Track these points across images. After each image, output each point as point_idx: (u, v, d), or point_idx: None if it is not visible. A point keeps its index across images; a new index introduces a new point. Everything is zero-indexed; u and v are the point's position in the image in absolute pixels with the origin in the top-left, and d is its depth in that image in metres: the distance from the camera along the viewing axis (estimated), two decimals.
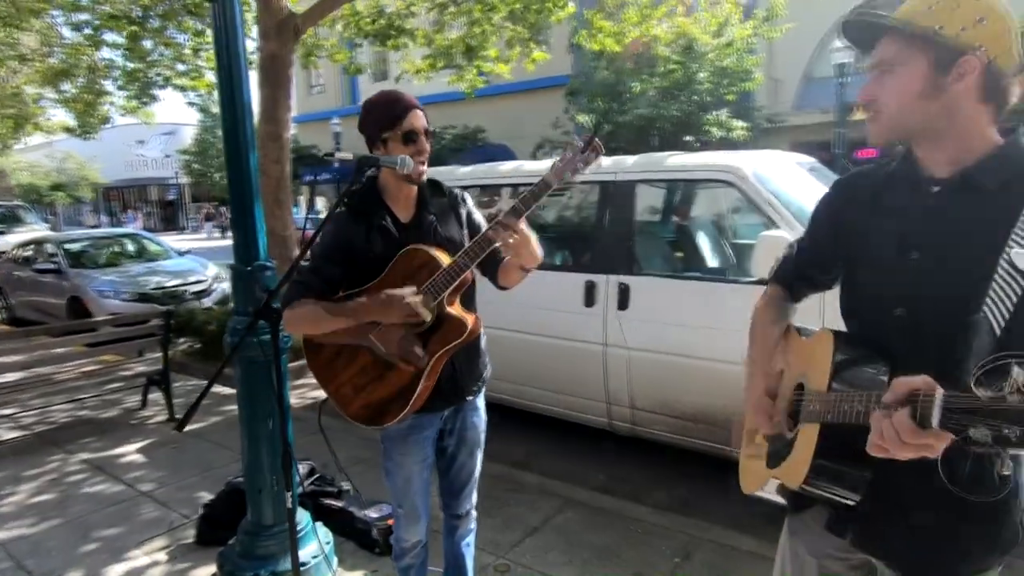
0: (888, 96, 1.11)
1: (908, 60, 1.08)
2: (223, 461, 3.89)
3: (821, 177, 3.79)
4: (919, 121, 1.10)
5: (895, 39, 1.10)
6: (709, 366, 3.22)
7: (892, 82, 1.10)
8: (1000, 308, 0.99)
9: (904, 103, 1.10)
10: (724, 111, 12.77)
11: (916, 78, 1.07)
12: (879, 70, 1.12)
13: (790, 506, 1.36)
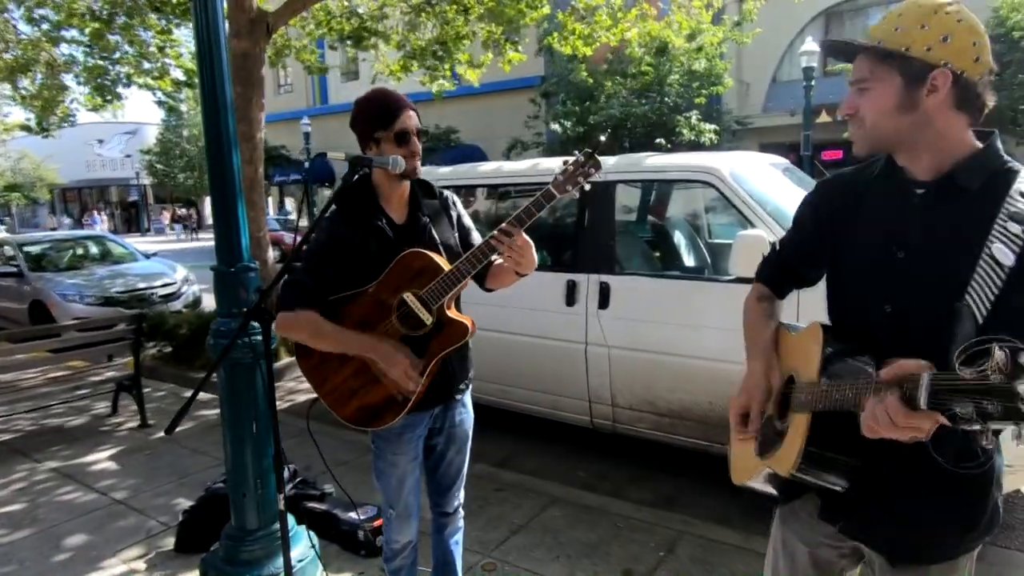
0: (866, 110, 1.17)
1: (882, 78, 1.14)
2: (200, 467, 3.82)
3: (794, 178, 3.89)
4: (897, 133, 1.16)
5: (869, 59, 1.16)
6: (689, 363, 3.28)
7: (870, 98, 1.16)
8: (982, 298, 1.05)
9: (881, 117, 1.16)
10: (694, 113, 12.98)
11: (890, 94, 1.13)
12: (858, 87, 1.18)
13: (781, 496, 1.39)
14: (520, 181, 4.21)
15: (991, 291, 1.05)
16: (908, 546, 1.22)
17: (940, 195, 1.16)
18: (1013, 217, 1.06)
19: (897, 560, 1.22)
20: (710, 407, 3.26)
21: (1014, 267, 1.04)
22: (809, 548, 1.36)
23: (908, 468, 1.16)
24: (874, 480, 1.20)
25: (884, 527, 1.22)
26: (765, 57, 16.96)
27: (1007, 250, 1.05)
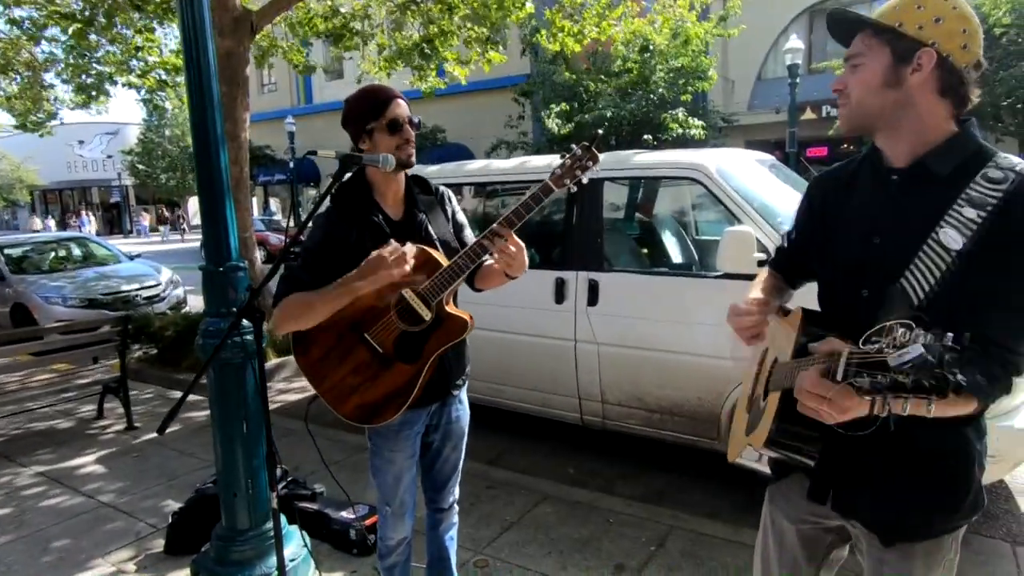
0: (855, 84, 1.21)
1: (873, 53, 1.18)
2: (188, 469, 3.79)
3: (780, 174, 3.93)
4: (880, 108, 1.19)
5: (865, 35, 1.20)
6: (677, 359, 3.30)
7: (859, 73, 1.20)
8: (920, 280, 1.12)
9: (868, 91, 1.19)
10: (680, 110, 13.05)
11: (879, 69, 1.17)
12: (851, 63, 1.22)
13: (772, 475, 1.42)
14: (507, 179, 4.22)
15: (932, 274, 1.10)
16: (893, 523, 1.25)
17: (912, 181, 1.20)
18: (971, 202, 1.10)
19: (885, 538, 1.25)
20: (699, 402, 3.29)
21: (965, 251, 1.08)
22: (795, 526, 1.40)
23: (880, 448, 1.19)
24: (853, 459, 1.23)
25: (870, 506, 1.26)
26: (750, 55, 17.10)
27: (956, 235, 1.09)
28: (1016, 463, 2.88)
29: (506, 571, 2.66)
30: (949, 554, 1.25)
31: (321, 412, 2.57)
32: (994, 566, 2.72)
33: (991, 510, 3.17)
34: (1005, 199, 1.09)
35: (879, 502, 1.25)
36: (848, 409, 1.00)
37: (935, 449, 1.20)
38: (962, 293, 1.09)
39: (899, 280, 1.14)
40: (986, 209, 1.09)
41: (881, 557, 1.26)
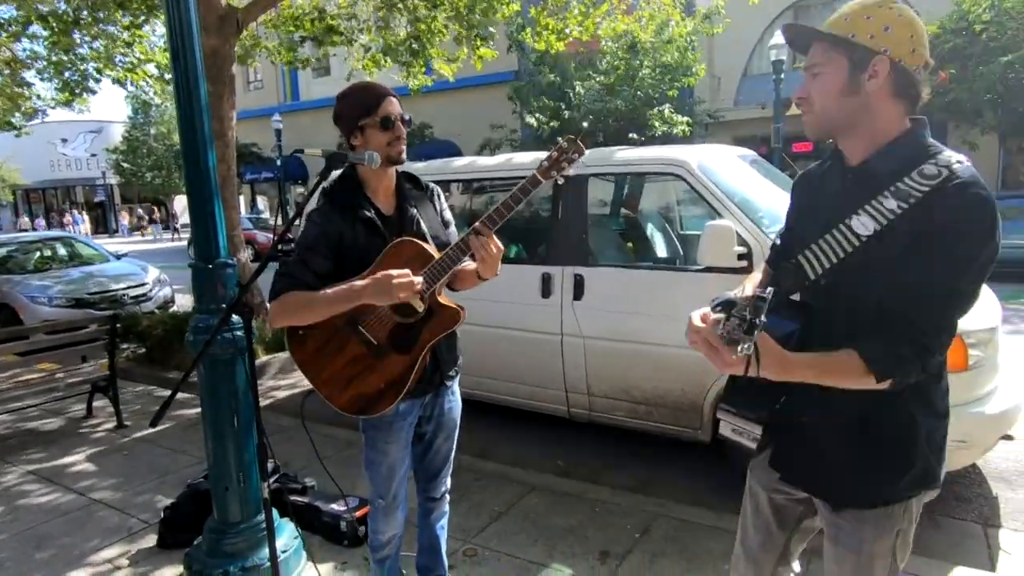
0: (816, 93, 1.28)
1: (832, 63, 1.25)
2: (178, 466, 3.82)
3: (761, 170, 4.01)
4: (841, 115, 1.27)
5: (822, 45, 1.27)
6: (662, 351, 3.38)
7: (820, 82, 1.27)
8: (819, 257, 1.28)
9: (829, 99, 1.27)
10: (667, 106, 13.13)
11: (838, 78, 1.25)
12: (811, 72, 1.29)
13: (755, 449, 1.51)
14: (494, 176, 4.27)
15: (833, 253, 1.26)
16: (834, 489, 1.35)
17: (859, 179, 1.29)
18: (896, 194, 1.19)
19: (834, 504, 1.35)
20: (682, 393, 3.36)
21: (871, 238, 1.21)
22: (768, 494, 1.51)
23: (823, 415, 1.30)
24: (797, 428, 1.34)
25: (809, 471, 1.37)
26: (735, 51, 17.21)
27: (870, 221, 1.21)
28: (986, 448, 2.98)
29: (494, 559, 2.72)
30: (902, 524, 1.33)
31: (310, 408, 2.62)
32: (966, 547, 2.82)
33: (964, 494, 3.28)
34: (930, 193, 1.17)
35: (818, 470, 1.36)
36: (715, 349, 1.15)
37: (874, 423, 1.29)
38: (869, 274, 1.21)
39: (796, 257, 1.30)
40: (908, 201, 1.19)
41: (836, 522, 1.36)
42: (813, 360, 1.19)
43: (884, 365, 1.16)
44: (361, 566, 2.68)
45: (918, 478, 1.30)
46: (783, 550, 1.56)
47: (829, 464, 1.34)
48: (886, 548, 1.34)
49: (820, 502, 1.41)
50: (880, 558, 1.34)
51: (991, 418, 2.83)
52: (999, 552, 2.78)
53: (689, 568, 2.59)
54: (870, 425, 1.28)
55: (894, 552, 1.35)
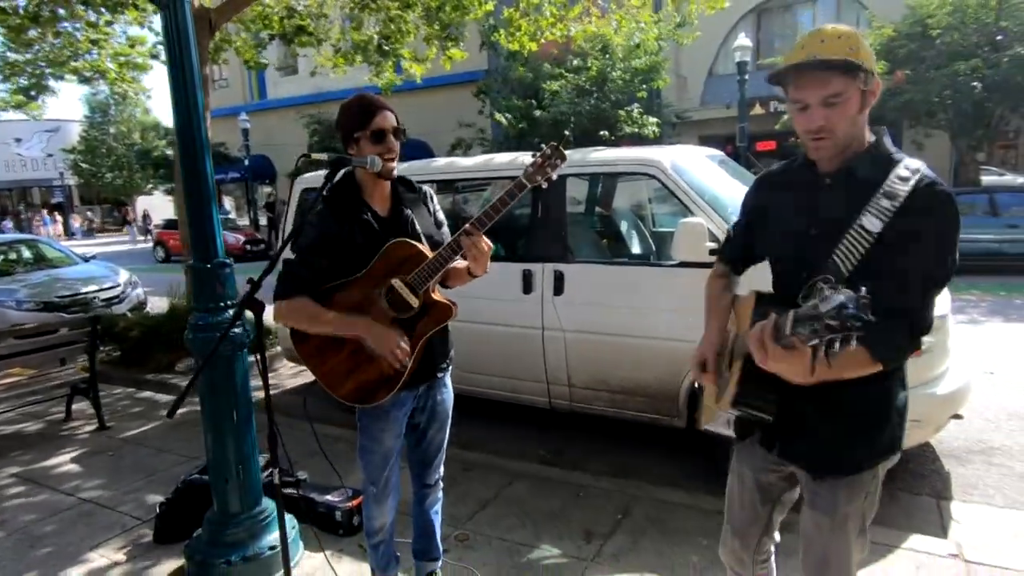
0: (837, 120, 1.38)
1: (849, 89, 1.37)
2: (168, 464, 3.85)
3: (729, 169, 4.21)
4: (851, 133, 1.42)
5: (840, 76, 1.36)
6: (639, 343, 3.54)
7: (842, 109, 1.38)
8: (847, 256, 1.38)
9: (848, 124, 1.40)
10: (635, 107, 13.39)
11: (855, 102, 1.39)
12: (831, 102, 1.37)
13: (737, 436, 1.67)
14: (473, 176, 4.39)
15: (857, 251, 1.37)
16: (824, 462, 1.51)
17: (840, 184, 1.45)
18: (887, 195, 1.36)
19: (817, 474, 1.52)
20: (659, 382, 3.53)
21: (879, 234, 1.34)
22: (754, 473, 1.67)
23: (821, 401, 1.44)
24: (797, 413, 1.49)
25: (805, 448, 1.52)
26: (701, 52, 17.58)
27: (875, 219, 1.35)
28: (938, 427, 3.21)
29: (485, 543, 2.85)
30: (870, 487, 1.51)
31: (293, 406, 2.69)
32: (921, 519, 3.05)
33: (918, 470, 3.52)
34: (911, 193, 1.35)
35: (812, 446, 1.52)
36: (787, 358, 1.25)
37: (860, 401, 1.46)
38: (879, 265, 1.34)
39: (831, 257, 1.39)
40: (897, 201, 1.36)
41: (815, 489, 1.53)
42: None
43: (887, 353, 1.31)
44: (357, 553, 2.78)
45: (887, 446, 1.48)
46: (767, 523, 1.73)
47: (819, 440, 1.50)
48: (857, 509, 1.51)
49: (802, 473, 1.56)
50: (852, 519, 1.51)
51: (943, 398, 3.06)
52: (951, 522, 3.02)
53: (668, 544, 2.76)
54: (858, 402, 1.45)
55: (863, 512, 1.52)
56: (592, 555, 2.71)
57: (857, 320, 1.06)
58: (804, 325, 1.13)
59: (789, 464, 1.59)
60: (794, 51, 1.41)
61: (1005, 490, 3.33)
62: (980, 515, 3.08)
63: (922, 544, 2.68)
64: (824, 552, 1.54)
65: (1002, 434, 4.02)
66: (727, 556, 1.81)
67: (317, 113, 18.70)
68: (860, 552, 1.55)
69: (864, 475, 1.49)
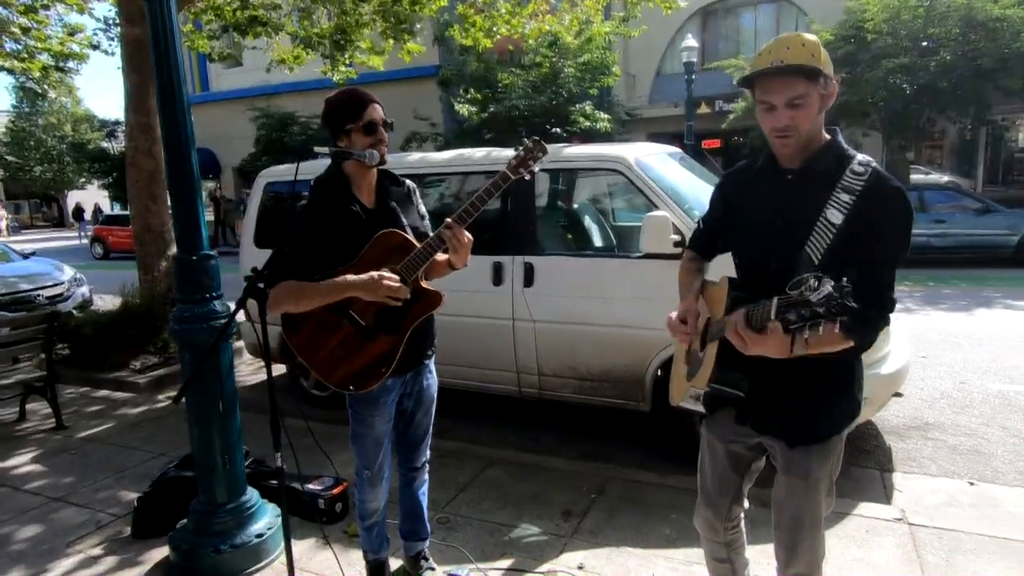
0: (801, 120, 1.53)
1: (811, 92, 1.52)
2: (136, 461, 3.80)
3: (686, 165, 4.43)
4: (813, 131, 1.57)
5: (803, 79, 1.50)
6: (607, 331, 3.70)
7: (805, 110, 1.52)
8: (817, 248, 1.52)
9: (810, 123, 1.55)
10: (588, 103, 13.65)
11: (815, 103, 1.53)
12: (795, 103, 1.51)
13: (707, 410, 1.82)
14: (446, 171, 4.46)
15: (824, 243, 1.51)
16: (799, 432, 1.66)
17: (801, 179, 1.60)
18: (845, 189, 1.52)
19: (791, 442, 1.67)
20: (626, 369, 3.71)
21: (841, 225, 1.49)
22: (725, 444, 1.82)
23: (792, 377, 1.58)
24: (770, 390, 1.64)
25: (780, 421, 1.67)
26: (649, 51, 18.05)
27: (837, 212, 1.51)
28: (882, 404, 3.50)
29: (467, 524, 2.96)
30: (837, 450, 1.68)
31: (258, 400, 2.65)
32: (868, 490, 3.31)
33: (863, 446, 3.81)
34: (866, 187, 1.52)
35: (787, 419, 1.67)
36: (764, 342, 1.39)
37: (826, 375, 1.61)
38: (844, 254, 1.49)
39: (802, 250, 1.53)
40: (854, 194, 1.52)
41: (789, 457, 1.68)
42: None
43: (859, 332, 1.46)
44: (341, 539, 2.84)
45: (851, 413, 1.66)
46: (736, 492, 1.88)
47: (792, 412, 1.65)
48: (827, 471, 1.68)
49: (777, 443, 1.70)
50: (823, 480, 1.68)
51: (887, 378, 3.34)
52: (893, 491, 3.30)
53: (642, 519, 2.93)
54: (824, 376, 1.60)
55: (831, 473, 1.70)
56: (571, 532, 2.85)
57: (843, 307, 1.21)
58: (792, 311, 1.27)
59: (762, 436, 1.73)
60: (761, 56, 1.55)
61: (939, 461, 3.66)
62: (919, 484, 3.37)
63: (870, 511, 2.94)
64: (798, 511, 1.70)
65: (935, 411, 4.39)
66: (700, 524, 1.96)
67: (266, 106, 18.23)
68: (827, 509, 1.73)
69: (833, 440, 1.66)
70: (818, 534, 1.72)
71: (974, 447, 3.81)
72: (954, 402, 4.54)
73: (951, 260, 10.34)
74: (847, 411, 1.66)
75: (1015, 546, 2.65)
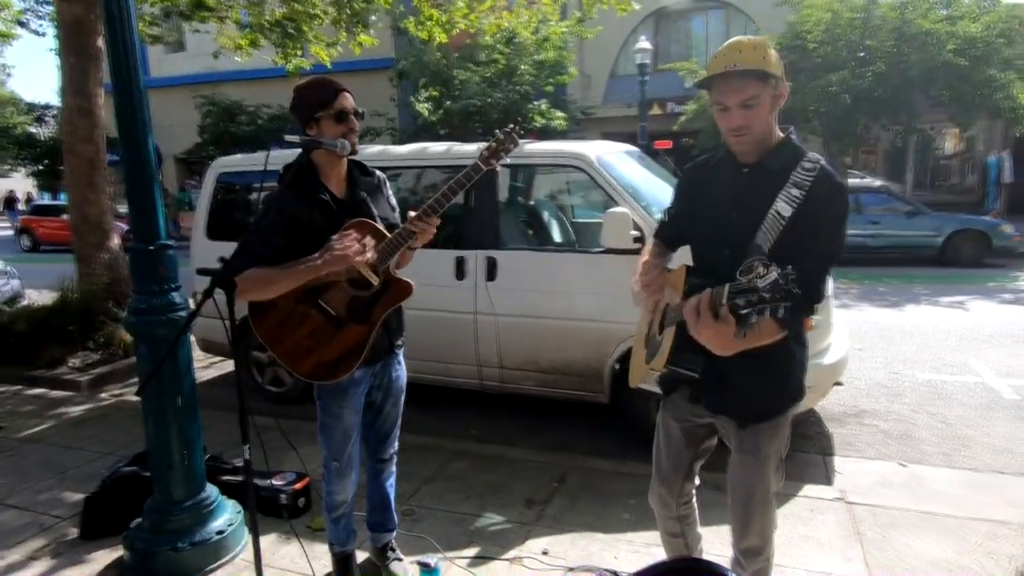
0: (755, 120, 1.63)
1: (763, 94, 1.61)
2: (79, 461, 3.64)
3: (644, 163, 4.54)
4: (766, 129, 1.66)
5: (754, 81, 1.59)
6: (568, 324, 3.78)
7: (758, 111, 1.62)
8: (767, 237, 1.61)
9: (763, 123, 1.64)
10: (543, 102, 13.76)
11: (767, 104, 1.63)
12: (748, 104, 1.61)
13: (663, 391, 1.90)
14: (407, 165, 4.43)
15: (774, 234, 1.61)
16: (748, 412, 1.77)
17: (756, 173, 1.70)
18: (795, 184, 1.62)
19: (742, 423, 1.77)
20: (586, 361, 3.79)
21: (790, 217, 1.59)
22: (679, 424, 1.91)
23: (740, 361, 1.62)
24: (720, 371, 1.72)
25: (731, 402, 1.77)
26: (604, 52, 18.31)
27: (786, 205, 1.60)
28: (824, 392, 3.69)
29: (431, 515, 2.97)
30: (784, 429, 1.79)
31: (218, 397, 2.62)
32: (811, 473, 3.49)
33: (807, 433, 4.01)
34: (813, 181, 1.62)
35: (737, 400, 1.77)
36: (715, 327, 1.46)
37: (770, 359, 1.69)
38: (788, 244, 1.58)
39: (754, 239, 1.62)
40: (803, 188, 1.62)
41: (740, 436, 1.79)
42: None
43: (791, 322, 1.55)
44: (304, 534, 2.81)
45: (795, 392, 1.77)
46: (688, 469, 1.98)
47: (740, 393, 1.74)
48: (776, 449, 1.79)
49: (728, 423, 1.80)
50: (772, 457, 1.79)
51: (829, 367, 3.52)
52: (834, 473, 3.50)
53: (602, 505, 3.01)
54: (768, 360, 1.69)
55: (779, 451, 1.81)
56: (534, 519, 2.91)
57: (787, 293, 1.29)
58: (741, 296, 1.34)
59: (715, 417, 1.83)
60: (716, 60, 1.64)
61: (875, 445, 3.89)
62: (856, 466, 3.58)
63: (813, 491, 3.12)
64: (750, 487, 1.80)
65: (871, 400, 4.65)
66: (655, 501, 2.05)
67: (211, 94, 17.60)
68: (777, 485, 1.84)
69: (780, 419, 1.77)
70: (769, 508, 1.83)
71: (905, 432, 4.07)
72: (887, 391, 4.83)
73: (884, 259, 10.92)
74: (792, 392, 1.77)
75: (941, 520, 2.86)
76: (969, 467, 3.57)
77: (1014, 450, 3.77)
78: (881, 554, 2.61)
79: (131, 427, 4.12)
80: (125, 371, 5.43)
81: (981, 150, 17.73)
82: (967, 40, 11.71)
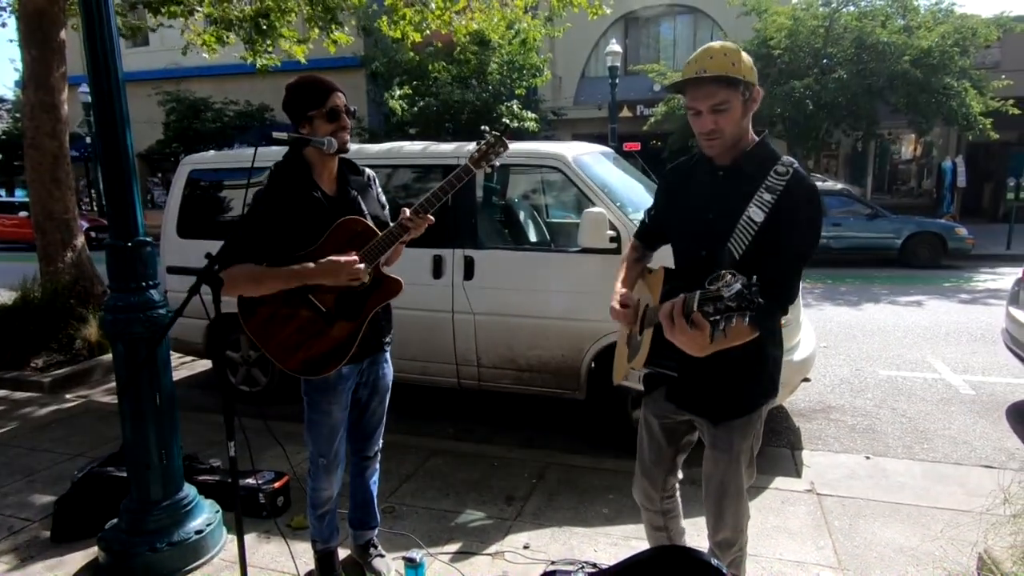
0: (725, 124, 1.67)
1: (733, 99, 1.66)
2: (48, 463, 3.55)
3: (619, 164, 4.62)
4: (737, 135, 1.71)
5: (723, 87, 1.65)
6: (545, 323, 3.82)
7: (728, 115, 1.67)
8: (738, 243, 1.65)
9: (734, 127, 1.69)
10: (515, 102, 13.82)
11: (738, 109, 1.67)
12: (718, 109, 1.66)
13: (645, 389, 1.95)
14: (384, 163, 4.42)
15: (745, 239, 1.65)
16: (721, 410, 1.82)
17: (731, 175, 1.76)
18: (768, 189, 1.67)
19: (715, 420, 1.83)
20: (563, 359, 3.84)
21: (762, 222, 1.63)
22: (659, 420, 1.97)
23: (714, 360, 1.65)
24: (697, 372, 1.76)
25: (705, 400, 1.83)
26: (575, 54, 18.48)
27: (758, 210, 1.65)
28: (793, 388, 3.81)
29: (412, 513, 2.99)
30: (756, 426, 1.85)
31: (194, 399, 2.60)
32: (781, 466, 3.60)
33: (776, 428, 4.13)
34: (786, 185, 1.67)
35: (710, 398, 1.82)
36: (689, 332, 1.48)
37: (742, 359, 1.73)
38: (762, 247, 1.63)
39: (727, 244, 1.67)
40: (775, 193, 1.67)
41: (714, 433, 1.84)
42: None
43: (763, 324, 1.60)
44: (285, 532, 2.79)
45: (767, 390, 1.83)
46: (671, 463, 2.04)
47: (714, 391, 1.80)
48: (748, 445, 1.85)
49: (703, 420, 1.86)
50: (744, 453, 1.85)
51: (798, 364, 3.64)
52: (803, 466, 3.61)
53: (580, 500, 3.06)
54: (741, 360, 1.74)
55: (751, 447, 1.87)
56: (514, 515, 2.94)
57: (751, 303, 1.34)
58: (709, 304, 1.40)
59: (690, 413, 1.89)
60: (689, 65, 1.69)
61: (841, 439, 4.03)
62: (824, 459, 3.70)
63: (784, 484, 3.22)
64: (723, 482, 1.86)
65: (836, 395, 4.81)
66: (638, 495, 2.10)
67: (176, 90, 17.21)
68: (749, 480, 1.91)
69: (752, 416, 1.83)
70: (742, 502, 1.89)
71: (869, 426, 4.22)
72: (852, 387, 5.00)
73: (846, 260, 11.26)
74: (763, 391, 1.83)
75: (905, 509, 2.99)
76: (930, 459, 3.73)
77: (972, 442, 3.95)
78: (850, 542, 2.72)
79: (99, 428, 4.03)
80: (90, 372, 5.31)
81: (937, 155, 18.41)
82: (923, 51, 12.17)
